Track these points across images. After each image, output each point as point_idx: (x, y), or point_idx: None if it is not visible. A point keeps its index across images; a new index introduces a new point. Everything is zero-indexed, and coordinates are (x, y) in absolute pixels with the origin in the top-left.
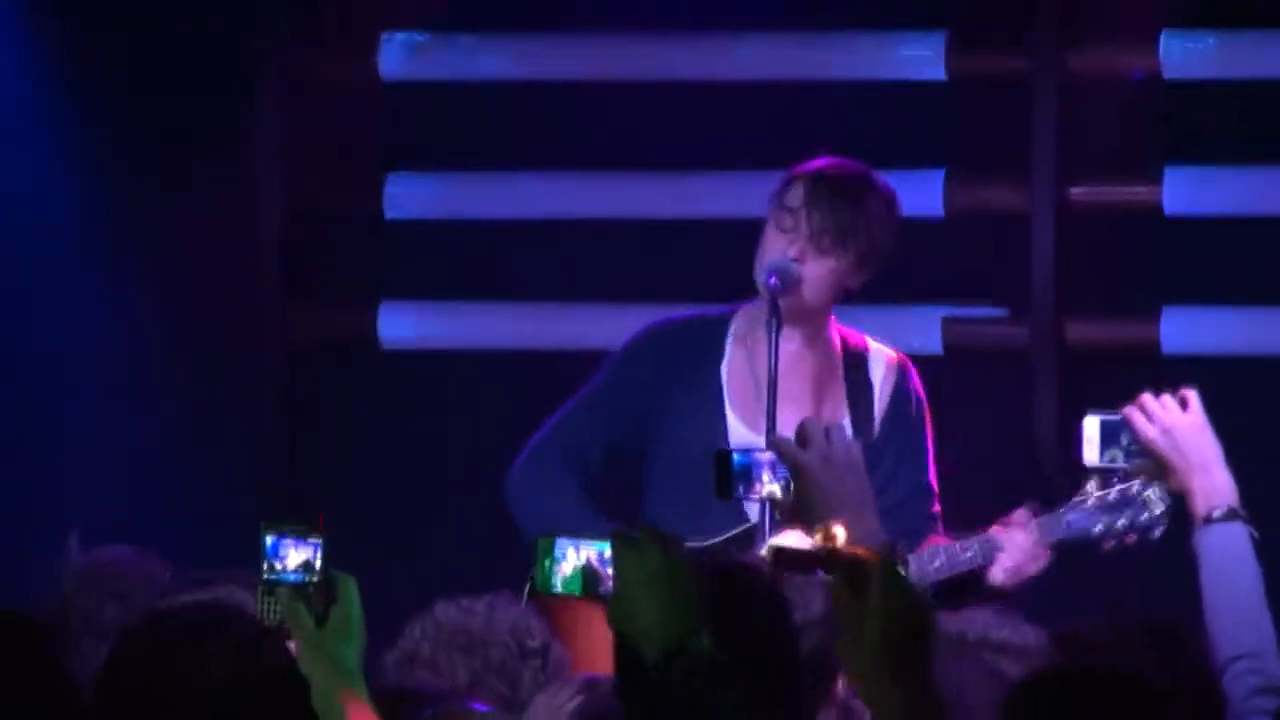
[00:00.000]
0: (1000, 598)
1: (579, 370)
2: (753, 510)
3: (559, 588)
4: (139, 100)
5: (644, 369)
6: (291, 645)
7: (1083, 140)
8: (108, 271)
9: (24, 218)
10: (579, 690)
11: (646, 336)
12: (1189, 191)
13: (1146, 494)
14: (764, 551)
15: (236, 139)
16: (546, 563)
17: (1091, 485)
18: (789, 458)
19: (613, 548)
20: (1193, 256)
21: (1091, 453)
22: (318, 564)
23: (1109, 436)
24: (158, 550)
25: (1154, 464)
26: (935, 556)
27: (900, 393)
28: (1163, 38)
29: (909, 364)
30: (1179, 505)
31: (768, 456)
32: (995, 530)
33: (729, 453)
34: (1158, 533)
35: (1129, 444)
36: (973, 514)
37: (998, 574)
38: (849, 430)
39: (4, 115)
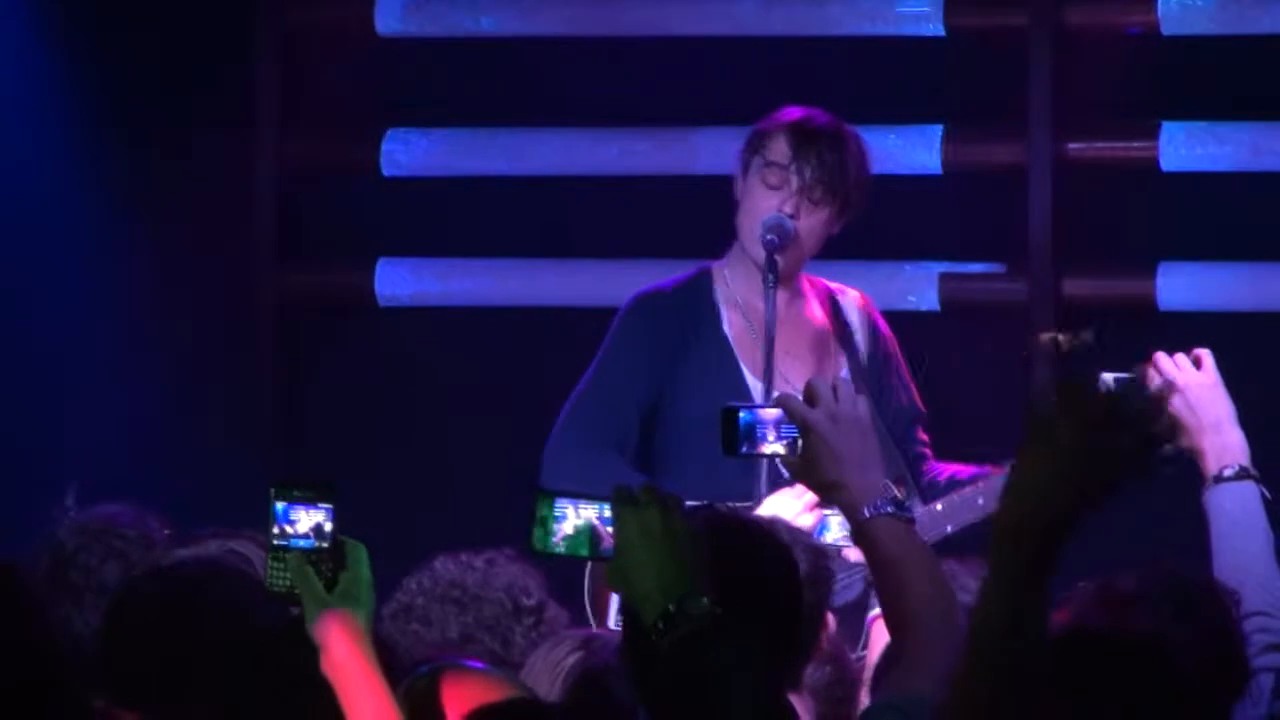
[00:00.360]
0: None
1: (577, 326)
2: (763, 467)
3: (560, 549)
4: (133, 62)
5: (646, 337)
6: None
7: (1080, 96)
8: (105, 233)
9: (20, 183)
10: (577, 646)
11: (638, 307)
12: (1186, 147)
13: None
14: None
15: (233, 98)
16: (546, 522)
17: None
18: (796, 415)
19: (613, 507)
20: (1189, 212)
21: None
22: (328, 529)
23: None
24: (157, 509)
25: (1167, 423)
26: (945, 515)
27: (872, 328)
28: None
29: (869, 299)
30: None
31: (774, 414)
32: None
33: (736, 409)
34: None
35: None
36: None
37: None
38: (848, 374)
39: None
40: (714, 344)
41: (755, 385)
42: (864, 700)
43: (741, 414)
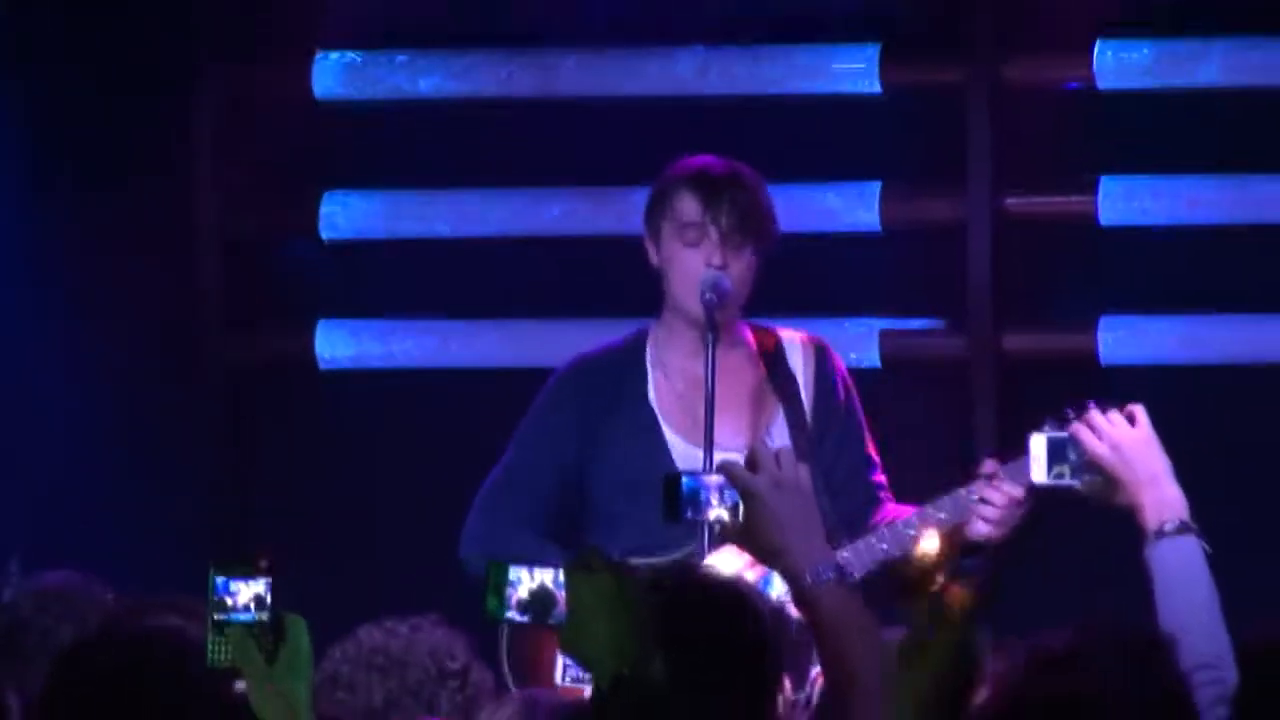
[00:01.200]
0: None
1: (517, 387)
2: (698, 533)
3: (515, 615)
4: (73, 121)
5: (571, 406)
6: (240, 684)
7: (1018, 151)
8: (43, 295)
9: None
10: (520, 707)
11: (566, 376)
12: (1124, 201)
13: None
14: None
15: (170, 161)
16: (500, 589)
17: (1047, 425)
18: (739, 481)
19: (565, 573)
20: (1129, 266)
21: (1039, 471)
22: (267, 601)
23: (1056, 454)
24: (100, 572)
25: (1103, 480)
26: (880, 539)
27: (822, 375)
28: (1097, 47)
29: (823, 343)
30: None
31: (716, 480)
32: (966, 488)
33: (678, 476)
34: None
35: (1077, 461)
36: None
37: (981, 527)
38: (785, 428)
39: None
40: (638, 407)
41: (677, 445)
42: None
43: (684, 480)
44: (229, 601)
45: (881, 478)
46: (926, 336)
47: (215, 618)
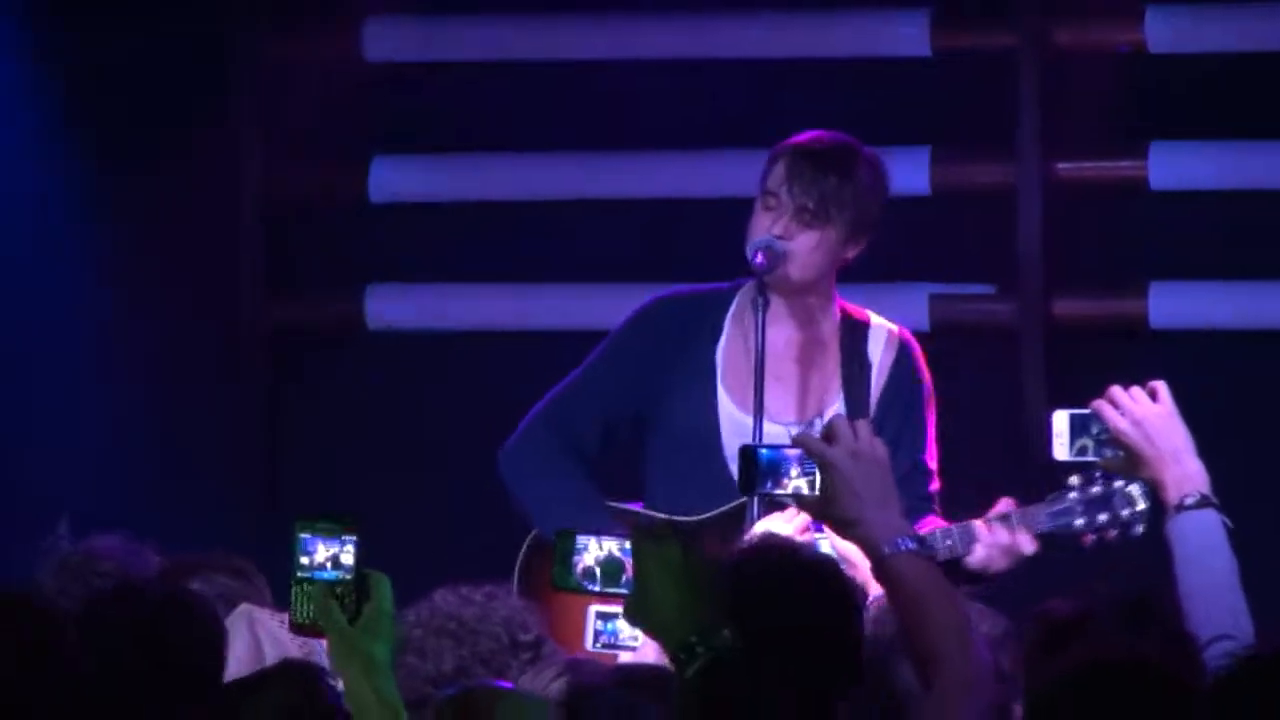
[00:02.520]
0: (974, 583)
1: (567, 350)
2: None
3: (581, 584)
4: (121, 91)
5: (644, 344)
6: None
7: (1068, 115)
8: (93, 264)
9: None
10: (561, 671)
11: (648, 312)
12: (1175, 166)
13: (1130, 489)
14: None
15: (221, 127)
16: (566, 558)
17: (1075, 479)
18: (816, 453)
19: (632, 542)
20: (1179, 231)
21: (1061, 448)
22: (351, 562)
23: (1078, 430)
24: (149, 535)
25: (1124, 455)
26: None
27: (900, 369)
28: (1148, 11)
29: (911, 341)
30: (1158, 501)
31: (795, 452)
32: (978, 522)
33: (755, 448)
34: (1139, 529)
35: (1099, 435)
36: (960, 489)
37: (971, 564)
38: (843, 409)
39: None
40: (703, 360)
41: (725, 405)
42: None
43: (762, 452)
44: (311, 560)
45: (933, 488)
46: (976, 301)
47: (298, 575)
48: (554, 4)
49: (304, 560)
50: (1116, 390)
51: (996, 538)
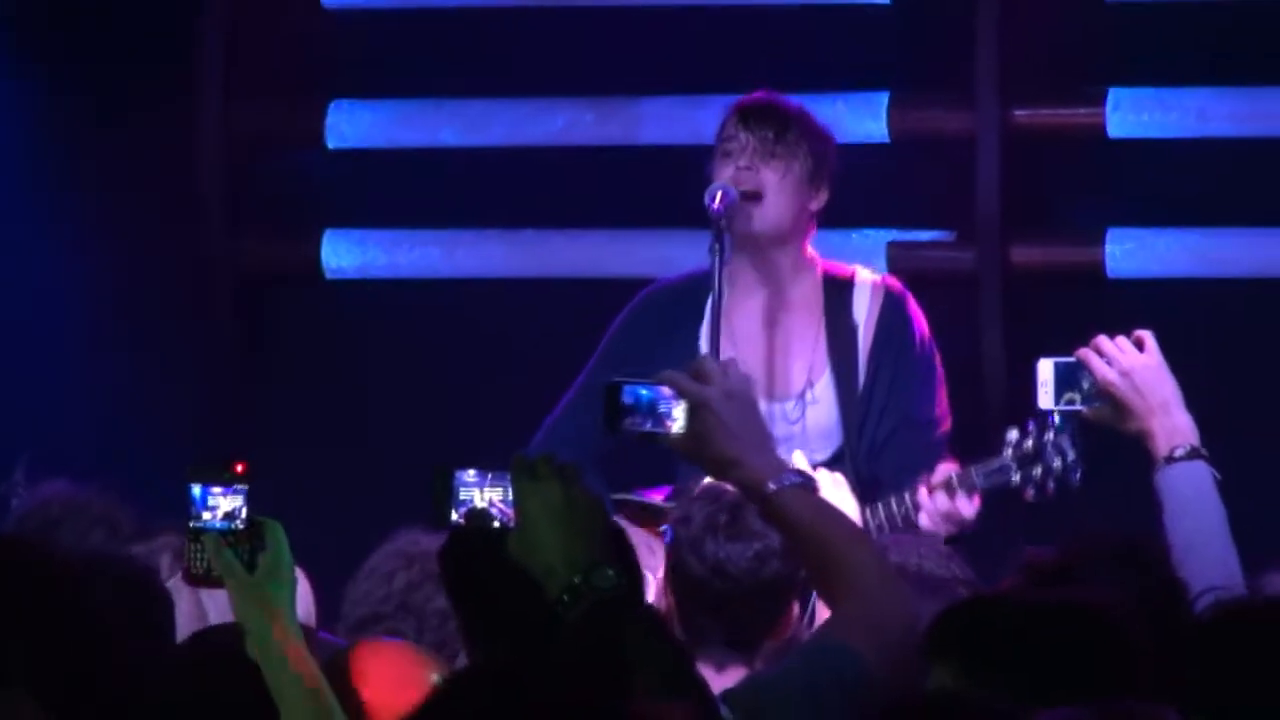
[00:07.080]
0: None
1: (521, 296)
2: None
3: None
4: (75, 36)
5: (633, 341)
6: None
7: (1027, 62)
8: (50, 209)
9: None
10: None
11: (635, 308)
12: (1133, 114)
13: (1060, 440)
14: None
15: (177, 71)
16: (443, 498)
17: (1011, 435)
18: (688, 392)
19: (512, 480)
20: (1136, 179)
21: (1046, 397)
22: (244, 510)
23: (1064, 380)
24: (105, 479)
25: (1111, 406)
26: (875, 515)
27: (886, 320)
28: None
29: (898, 288)
30: (1090, 449)
31: (663, 390)
32: (921, 489)
33: (619, 384)
34: (1076, 477)
35: (1086, 387)
36: None
37: (925, 522)
38: (832, 379)
39: None
40: (688, 340)
41: None
42: None
43: (624, 389)
44: (205, 512)
45: (938, 435)
46: (934, 249)
47: (191, 526)
48: None
49: (196, 510)
50: (1103, 340)
51: (937, 504)
